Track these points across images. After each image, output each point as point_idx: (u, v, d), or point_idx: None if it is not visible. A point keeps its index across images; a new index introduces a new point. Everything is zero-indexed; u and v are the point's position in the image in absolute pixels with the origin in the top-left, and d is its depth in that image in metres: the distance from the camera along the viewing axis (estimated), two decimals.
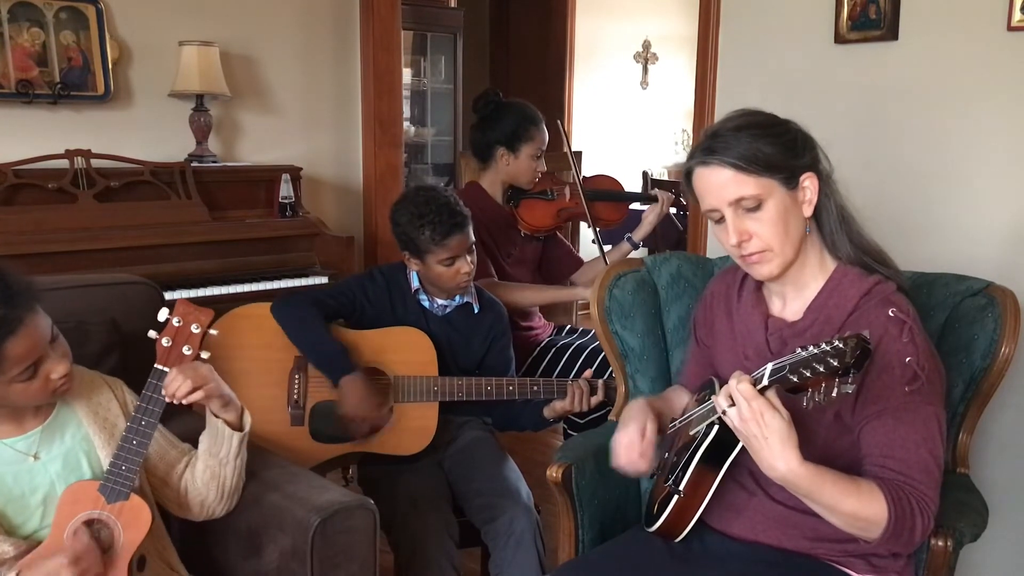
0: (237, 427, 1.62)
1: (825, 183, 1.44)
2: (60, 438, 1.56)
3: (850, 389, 1.17)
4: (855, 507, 1.29)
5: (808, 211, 1.43)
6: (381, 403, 2.10)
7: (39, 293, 1.47)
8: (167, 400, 1.52)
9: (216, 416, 1.61)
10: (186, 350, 1.54)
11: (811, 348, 1.18)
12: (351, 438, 2.11)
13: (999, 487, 2.14)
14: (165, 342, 1.54)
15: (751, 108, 1.47)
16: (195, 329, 1.55)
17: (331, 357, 2.07)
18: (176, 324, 1.54)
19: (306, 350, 2.10)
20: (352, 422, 2.07)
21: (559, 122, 2.88)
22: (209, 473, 1.63)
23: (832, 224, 1.46)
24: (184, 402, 1.52)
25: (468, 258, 2.15)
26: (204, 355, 1.57)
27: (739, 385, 1.25)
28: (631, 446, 1.53)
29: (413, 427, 2.14)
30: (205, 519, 1.69)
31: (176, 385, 1.51)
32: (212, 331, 1.57)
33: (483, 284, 2.49)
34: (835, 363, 1.14)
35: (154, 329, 1.54)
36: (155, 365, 1.54)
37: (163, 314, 1.54)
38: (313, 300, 2.14)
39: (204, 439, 1.64)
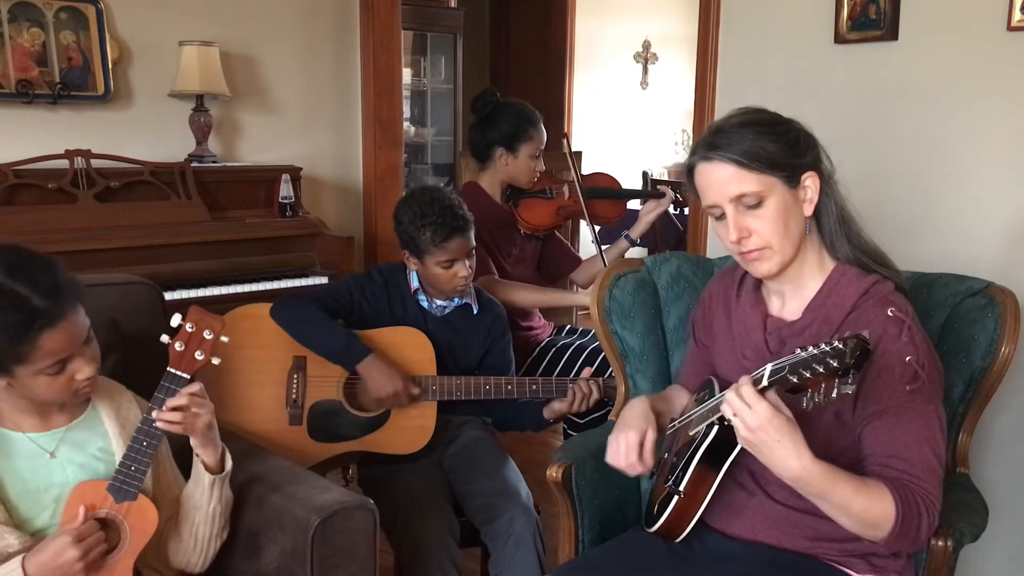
0: (216, 470, 1.60)
1: (826, 183, 1.45)
2: (82, 442, 1.57)
3: (850, 390, 1.16)
4: (865, 505, 1.29)
5: (808, 210, 1.43)
6: (404, 378, 2.09)
7: (84, 294, 1.49)
8: (155, 418, 1.51)
9: (196, 454, 1.60)
10: (198, 355, 1.55)
11: (811, 348, 1.17)
12: (394, 407, 2.11)
13: (999, 487, 2.14)
14: (178, 346, 1.55)
15: (754, 106, 1.47)
16: (207, 335, 1.56)
17: (341, 347, 2.08)
18: (189, 330, 1.55)
19: (313, 346, 2.10)
20: (387, 400, 2.08)
21: (565, 140, 2.87)
22: (183, 514, 1.62)
23: (832, 224, 1.46)
24: (164, 426, 1.52)
25: (467, 263, 2.15)
26: (215, 360, 1.58)
27: (741, 388, 1.24)
28: (631, 450, 1.52)
29: (412, 426, 2.15)
30: (178, 567, 1.65)
31: (172, 405, 1.51)
32: (223, 338, 1.58)
33: (482, 281, 2.48)
34: (835, 364, 1.14)
35: (167, 333, 1.55)
36: (168, 368, 1.55)
37: (176, 319, 1.55)
38: (311, 299, 2.15)
39: (189, 483, 1.63)
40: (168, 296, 2.54)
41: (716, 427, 1.37)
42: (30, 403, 1.52)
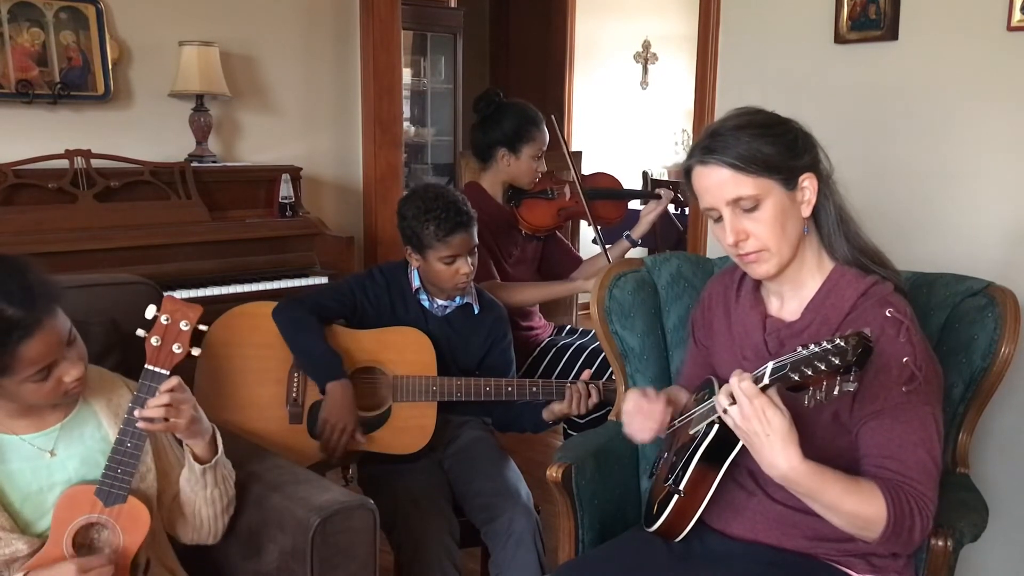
0: (205, 459, 1.59)
1: (825, 184, 1.44)
2: (79, 437, 1.56)
3: (852, 387, 1.16)
4: (855, 506, 1.30)
5: (806, 211, 1.43)
6: (358, 422, 2.08)
7: (61, 294, 1.46)
8: (137, 417, 1.49)
9: (184, 444, 1.59)
10: (176, 348, 1.52)
11: (812, 346, 1.17)
12: (324, 450, 2.08)
13: (999, 487, 2.14)
14: (155, 341, 1.51)
15: (752, 107, 1.47)
16: (184, 326, 1.52)
17: (321, 361, 2.08)
18: (164, 322, 1.51)
19: (297, 353, 2.11)
20: (326, 428, 2.05)
21: (553, 117, 2.86)
22: (183, 497, 1.62)
23: (830, 225, 1.46)
24: (145, 426, 1.49)
25: (469, 259, 2.15)
26: (195, 351, 1.54)
27: (741, 383, 1.25)
28: (639, 408, 1.56)
29: (412, 426, 2.15)
30: (191, 543, 1.67)
31: (152, 406, 1.48)
32: (201, 327, 1.54)
33: (485, 286, 2.49)
34: (837, 361, 1.14)
35: (143, 328, 1.52)
36: (146, 365, 1.51)
37: (151, 311, 1.51)
38: (312, 304, 2.14)
39: (184, 470, 1.62)
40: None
41: (717, 426, 1.37)
42: (20, 406, 1.50)
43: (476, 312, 2.26)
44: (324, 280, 3.00)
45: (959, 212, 2.30)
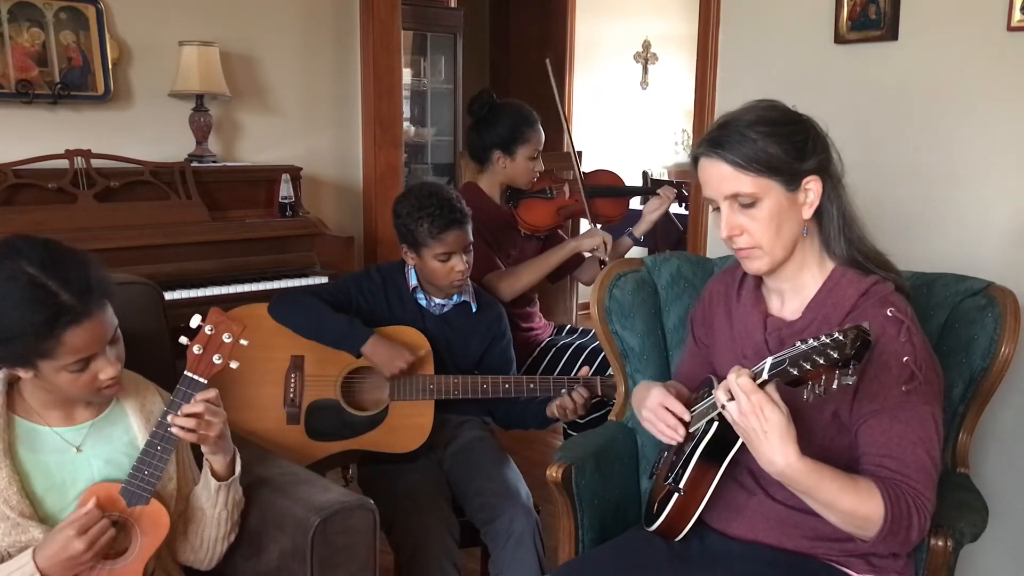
0: (223, 477, 1.60)
1: (832, 187, 1.43)
2: (108, 437, 1.58)
3: (850, 381, 1.16)
4: (852, 504, 1.30)
5: (807, 213, 1.43)
6: (407, 348, 2.10)
7: (115, 292, 1.50)
8: (170, 423, 1.51)
9: (205, 458, 1.60)
10: (216, 359, 1.54)
11: (811, 341, 1.17)
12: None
13: (999, 487, 2.14)
14: (196, 349, 1.54)
15: (771, 101, 1.46)
16: (227, 338, 1.55)
17: (343, 332, 2.09)
18: (208, 332, 1.54)
19: (316, 335, 2.11)
20: (395, 376, 2.08)
21: (548, 62, 2.81)
22: (191, 513, 1.62)
23: (832, 228, 1.46)
24: (177, 432, 1.51)
25: (464, 257, 2.15)
26: (233, 364, 1.57)
27: (738, 379, 1.25)
28: (665, 399, 1.49)
29: (409, 424, 2.15)
30: (185, 564, 1.67)
31: (186, 413, 1.50)
32: (243, 341, 1.56)
33: (492, 277, 2.49)
34: (835, 355, 1.14)
35: (185, 335, 1.54)
36: (185, 372, 1.54)
37: (195, 321, 1.54)
38: (309, 293, 2.16)
39: (198, 485, 1.63)
40: (168, 296, 2.54)
41: (716, 423, 1.37)
42: (56, 397, 1.53)
43: (474, 311, 2.26)
44: (324, 280, 3.00)
45: (959, 212, 2.30)
